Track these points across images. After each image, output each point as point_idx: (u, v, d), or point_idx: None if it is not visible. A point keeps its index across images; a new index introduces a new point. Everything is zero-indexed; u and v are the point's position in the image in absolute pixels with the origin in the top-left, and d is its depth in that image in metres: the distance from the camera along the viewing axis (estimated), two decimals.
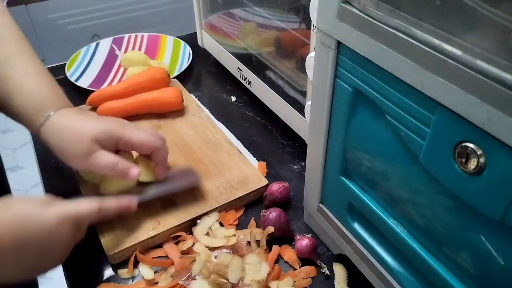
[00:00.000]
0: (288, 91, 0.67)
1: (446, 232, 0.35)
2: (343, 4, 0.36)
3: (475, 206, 0.31)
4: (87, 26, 1.54)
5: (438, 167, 0.33)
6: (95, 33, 1.54)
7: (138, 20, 1.64)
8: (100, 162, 0.51)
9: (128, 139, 0.53)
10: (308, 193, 0.54)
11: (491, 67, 0.26)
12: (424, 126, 0.33)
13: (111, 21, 1.59)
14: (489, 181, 0.29)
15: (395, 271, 0.43)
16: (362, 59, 0.36)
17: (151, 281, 0.51)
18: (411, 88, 0.32)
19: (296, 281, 0.51)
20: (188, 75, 0.90)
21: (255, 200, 0.61)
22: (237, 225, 0.58)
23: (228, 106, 0.82)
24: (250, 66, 0.76)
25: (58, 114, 0.52)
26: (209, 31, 0.88)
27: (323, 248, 0.56)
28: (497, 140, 0.27)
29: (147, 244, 0.54)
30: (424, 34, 0.30)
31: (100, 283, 0.51)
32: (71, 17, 1.51)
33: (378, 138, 0.39)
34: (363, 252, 0.47)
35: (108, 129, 0.52)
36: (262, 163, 0.68)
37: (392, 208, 0.41)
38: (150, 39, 0.98)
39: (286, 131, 0.73)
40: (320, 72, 0.42)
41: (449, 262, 0.36)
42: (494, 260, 0.31)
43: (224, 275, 0.49)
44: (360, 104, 0.40)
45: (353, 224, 0.48)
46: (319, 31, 0.40)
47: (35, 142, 0.71)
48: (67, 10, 1.50)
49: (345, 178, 0.46)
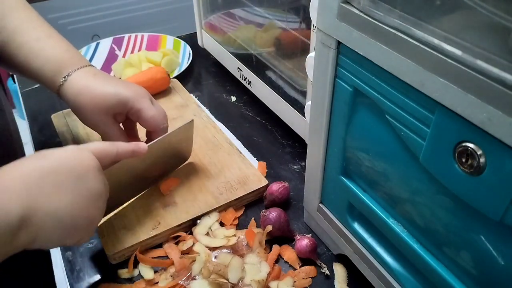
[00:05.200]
0: (288, 91, 0.67)
1: (446, 232, 0.35)
2: (343, 4, 0.36)
3: (475, 206, 0.31)
4: (87, 26, 1.54)
5: (438, 167, 0.33)
6: (95, 33, 1.54)
7: (138, 20, 1.64)
8: (110, 138, 0.56)
9: (137, 112, 0.56)
10: (308, 193, 0.54)
11: (491, 67, 0.26)
12: (424, 126, 0.33)
13: (111, 21, 1.59)
14: (489, 181, 0.29)
15: (395, 271, 0.43)
16: (362, 59, 0.36)
17: (151, 281, 0.51)
18: (411, 88, 0.32)
19: (296, 281, 0.51)
20: (188, 75, 0.90)
21: (255, 200, 0.61)
22: (237, 225, 0.58)
23: (228, 106, 0.82)
24: (250, 66, 0.76)
25: (75, 75, 0.55)
26: (209, 31, 0.88)
27: (323, 248, 0.56)
28: (497, 140, 0.27)
29: (147, 244, 0.54)
30: (424, 34, 0.30)
31: (100, 283, 0.51)
32: (71, 17, 1.51)
33: (378, 138, 0.39)
34: (363, 252, 0.47)
35: (123, 100, 0.55)
36: (262, 163, 0.68)
37: (392, 208, 0.41)
38: (150, 39, 0.98)
39: (286, 131, 0.73)
40: (320, 72, 0.42)
41: (449, 262, 0.36)
42: (494, 260, 0.31)
43: (224, 275, 0.49)
44: (360, 104, 0.40)
45: (353, 224, 0.48)
46: (319, 31, 0.40)
47: (35, 142, 0.71)
48: (67, 10, 1.50)
49: (345, 178, 0.46)
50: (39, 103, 0.81)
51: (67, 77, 0.55)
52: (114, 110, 0.55)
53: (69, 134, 0.70)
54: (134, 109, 0.55)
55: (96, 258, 0.54)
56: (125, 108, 0.55)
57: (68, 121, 0.73)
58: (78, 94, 0.54)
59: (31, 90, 0.84)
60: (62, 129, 0.71)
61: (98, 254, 0.54)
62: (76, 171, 0.42)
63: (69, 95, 0.55)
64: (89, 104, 0.54)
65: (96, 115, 0.54)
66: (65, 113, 0.74)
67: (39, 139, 0.72)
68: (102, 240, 0.53)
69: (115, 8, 1.59)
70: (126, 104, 0.55)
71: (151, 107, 0.56)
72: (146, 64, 0.86)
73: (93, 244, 0.55)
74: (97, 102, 0.54)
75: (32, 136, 0.73)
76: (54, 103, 0.80)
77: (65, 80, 0.55)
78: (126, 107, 0.55)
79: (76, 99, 0.54)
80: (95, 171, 0.44)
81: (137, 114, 0.56)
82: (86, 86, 0.54)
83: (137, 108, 0.55)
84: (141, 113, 0.56)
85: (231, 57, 0.81)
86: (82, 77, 0.55)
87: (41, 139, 0.72)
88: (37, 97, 0.83)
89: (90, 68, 0.57)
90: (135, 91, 0.56)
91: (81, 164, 0.43)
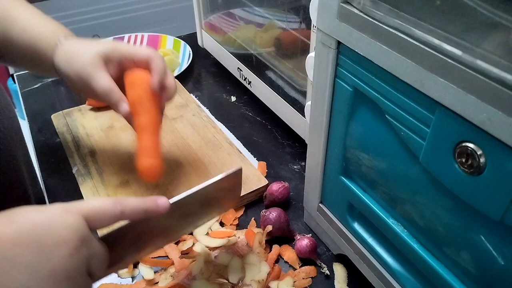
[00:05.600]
0: (288, 91, 0.67)
1: (446, 232, 0.35)
2: (343, 4, 0.36)
3: (475, 206, 0.31)
4: (87, 26, 1.54)
5: (438, 167, 0.33)
6: (95, 33, 1.54)
7: (138, 20, 1.64)
8: (98, 82, 0.52)
9: (132, 51, 0.54)
10: (308, 193, 0.54)
11: (491, 67, 0.26)
12: (424, 126, 0.33)
13: (111, 21, 1.59)
14: (489, 181, 0.29)
15: (395, 271, 0.43)
16: (362, 59, 0.36)
17: (151, 281, 0.51)
18: (411, 88, 0.32)
19: (296, 281, 0.51)
20: (188, 75, 0.90)
21: (255, 200, 0.61)
22: (237, 225, 0.58)
23: (228, 106, 0.82)
24: (250, 66, 0.76)
25: (67, 40, 0.55)
26: (209, 31, 0.88)
27: (323, 248, 0.56)
28: (497, 140, 0.27)
29: None
30: (424, 34, 0.30)
31: (100, 283, 0.51)
32: (71, 17, 1.51)
33: (378, 138, 0.39)
34: (363, 252, 0.47)
35: (113, 45, 0.54)
36: (262, 163, 0.68)
37: (392, 208, 0.41)
38: (150, 39, 0.98)
39: (286, 131, 0.73)
40: (320, 72, 0.42)
41: (449, 262, 0.36)
42: (494, 260, 0.31)
43: (224, 275, 0.49)
44: (360, 104, 0.40)
45: (353, 224, 0.48)
46: (319, 31, 0.40)
47: (35, 142, 0.71)
48: (67, 10, 1.50)
49: (345, 178, 0.46)
50: (39, 103, 0.81)
51: (59, 44, 0.55)
52: (105, 51, 0.53)
53: (69, 134, 0.70)
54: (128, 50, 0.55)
55: None
56: (116, 51, 0.54)
57: (68, 121, 0.73)
58: (69, 53, 0.54)
59: (31, 90, 0.84)
60: (62, 129, 0.71)
61: None
62: (43, 245, 0.32)
63: (60, 59, 0.54)
64: (81, 47, 0.54)
65: (87, 54, 0.52)
66: (65, 113, 0.75)
67: (39, 139, 0.72)
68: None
69: (115, 8, 1.59)
70: (117, 46, 0.54)
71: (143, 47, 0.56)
72: None
73: None
74: (89, 45, 0.54)
75: (32, 136, 0.73)
76: (54, 103, 0.80)
77: (57, 47, 0.55)
78: (117, 49, 0.54)
79: (66, 60, 0.54)
80: (71, 246, 0.33)
81: (132, 52, 0.55)
82: (79, 43, 0.55)
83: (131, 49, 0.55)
84: (132, 49, 0.55)
85: (231, 57, 0.81)
86: (73, 41, 0.56)
87: (41, 139, 0.72)
88: (37, 97, 0.83)
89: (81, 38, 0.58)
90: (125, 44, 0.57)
91: (54, 237, 0.33)
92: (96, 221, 0.36)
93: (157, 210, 0.39)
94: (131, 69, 0.55)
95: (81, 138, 0.69)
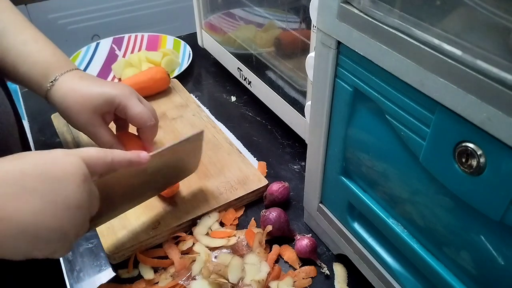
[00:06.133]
0: (288, 91, 0.67)
1: (446, 232, 0.35)
2: (343, 4, 0.36)
3: (475, 206, 0.31)
4: (87, 26, 1.54)
5: (438, 167, 0.33)
6: (95, 33, 1.53)
7: (138, 20, 1.64)
8: (101, 140, 0.56)
9: (124, 108, 0.56)
10: (308, 193, 0.54)
11: (491, 67, 0.26)
12: (424, 126, 0.33)
13: (111, 21, 1.59)
14: (489, 181, 0.29)
15: (395, 271, 0.43)
16: (362, 59, 0.36)
17: (151, 281, 0.51)
18: (411, 88, 0.32)
19: (296, 281, 0.51)
20: (188, 75, 0.90)
21: (255, 200, 0.61)
22: (237, 225, 0.58)
23: (228, 106, 0.82)
24: (250, 66, 0.76)
25: (62, 79, 0.55)
26: (209, 31, 0.88)
27: (323, 248, 0.56)
28: (497, 140, 0.27)
29: (147, 244, 0.54)
30: (424, 34, 0.30)
31: (100, 283, 0.51)
32: (71, 17, 1.51)
33: (378, 138, 0.39)
34: (363, 252, 0.47)
35: (109, 98, 0.55)
36: (262, 163, 0.68)
37: (392, 208, 0.41)
38: (150, 39, 0.98)
39: (286, 131, 0.73)
40: (320, 72, 0.42)
41: (449, 262, 0.36)
42: (494, 260, 0.31)
43: (224, 275, 0.49)
44: (360, 104, 0.40)
45: (353, 224, 0.48)
46: (319, 31, 0.40)
47: (35, 142, 0.71)
48: (67, 10, 1.50)
49: (345, 178, 0.46)
50: (39, 103, 0.80)
51: (54, 82, 0.55)
52: (101, 109, 0.55)
53: (69, 134, 0.70)
54: (121, 106, 0.56)
55: (96, 258, 0.54)
56: (112, 106, 0.56)
57: None
58: (65, 97, 0.55)
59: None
60: (62, 129, 0.71)
61: (98, 254, 0.54)
62: (52, 176, 0.36)
63: (56, 98, 0.55)
64: (76, 105, 0.54)
65: (84, 115, 0.55)
66: None
67: (39, 139, 0.72)
68: (102, 240, 0.53)
69: (115, 8, 1.59)
70: (113, 101, 0.55)
71: (138, 104, 0.56)
72: (146, 64, 0.86)
73: (93, 244, 0.55)
74: (84, 102, 0.54)
75: (32, 136, 0.73)
76: None
77: (52, 85, 0.55)
78: (113, 105, 0.55)
79: (63, 102, 0.55)
80: (78, 179, 0.38)
81: (124, 111, 0.56)
82: (73, 88, 0.55)
83: (124, 104, 0.56)
84: (127, 110, 0.56)
85: (231, 57, 0.81)
86: (69, 80, 0.55)
87: (41, 139, 0.72)
88: (37, 97, 0.82)
89: (77, 71, 0.58)
90: (121, 89, 0.56)
91: (62, 169, 0.37)
92: (92, 165, 0.41)
93: (139, 161, 0.46)
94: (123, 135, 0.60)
95: (81, 138, 0.69)
